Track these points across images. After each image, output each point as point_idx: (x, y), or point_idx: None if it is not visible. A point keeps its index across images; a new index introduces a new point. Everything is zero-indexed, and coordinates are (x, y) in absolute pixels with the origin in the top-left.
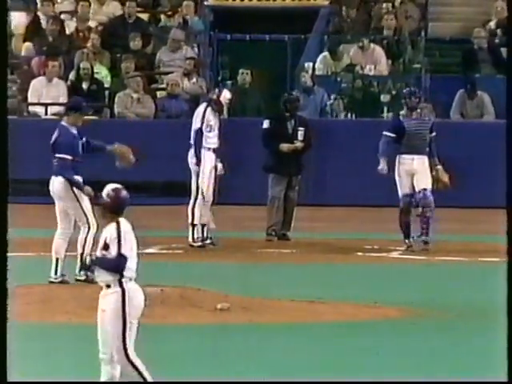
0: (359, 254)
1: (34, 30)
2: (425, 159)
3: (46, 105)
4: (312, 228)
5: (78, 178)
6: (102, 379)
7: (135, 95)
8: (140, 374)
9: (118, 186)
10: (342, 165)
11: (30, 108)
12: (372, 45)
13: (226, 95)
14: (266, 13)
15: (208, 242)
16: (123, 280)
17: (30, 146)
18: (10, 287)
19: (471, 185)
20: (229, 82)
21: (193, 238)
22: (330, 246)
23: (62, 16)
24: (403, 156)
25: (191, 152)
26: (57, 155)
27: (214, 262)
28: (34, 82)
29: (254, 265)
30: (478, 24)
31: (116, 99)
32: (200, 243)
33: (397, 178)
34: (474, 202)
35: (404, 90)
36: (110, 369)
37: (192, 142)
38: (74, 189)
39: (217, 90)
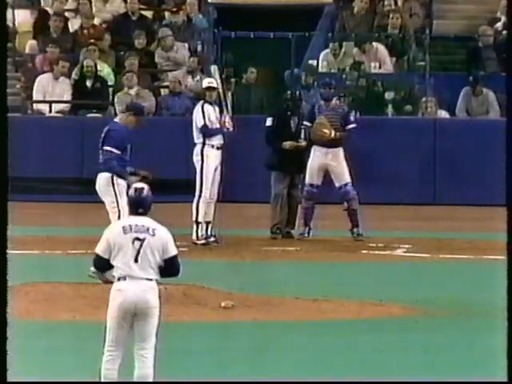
0: (363, 251)
1: (41, 27)
2: (339, 152)
3: (50, 102)
4: (316, 226)
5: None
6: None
7: (132, 91)
8: (100, 372)
9: (139, 185)
10: (346, 162)
11: (35, 105)
12: (374, 44)
13: (203, 81)
14: (270, 10)
15: (212, 239)
16: (115, 279)
17: (33, 144)
18: (14, 285)
19: (477, 183)
20: (233, 80)
21: (196, 235)
22: (335, 244)
23: (66, 14)
24: (316, 147)
25: (196, 150)
26: (104, 147)
27: (217, 259)
28: (39, 79)
29: (258, 263)
30: (482, 21)
31: (115, 99)
32: (204, 241)
33: (308, 166)
34: (479, 200)
35: (320, 81)
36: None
37: (200, 140)
38: (115, 186)
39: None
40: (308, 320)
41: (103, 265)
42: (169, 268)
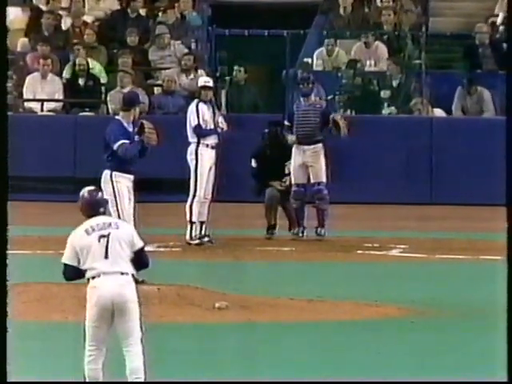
0: (359, 252)
1: (34, 26)
2: (318, 148)
3: (41, 101)
4: (311, 226)
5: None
6: None
7: (125, 90)
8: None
9: (91, 187)
10: (341, 162)
11: (26, 104)
12: (376, 41)
13: (199, 80)
14: (265, 8)
15: (206, 239)
16: (89, 280)
17: (25, 143)
18: (7, 285)
19: (473, 182)
20: (227, 78)
21: (190, 235)
22: (330, 244)
23: (60, 12)
24: (296, 146)
25: (190, 149)
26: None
27: (212, 260)
28: (28, 78)
29: (253, 263)
30: (479, 19)
31: (108, 97)
32: (198, 241)
33: (291, 168)
34: (477, 200)
35: (298, 76)
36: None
37: (195, 139)
38: (114, 183)
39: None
40: (303, 321)
41: (73, 273)
42: (139, 260)
